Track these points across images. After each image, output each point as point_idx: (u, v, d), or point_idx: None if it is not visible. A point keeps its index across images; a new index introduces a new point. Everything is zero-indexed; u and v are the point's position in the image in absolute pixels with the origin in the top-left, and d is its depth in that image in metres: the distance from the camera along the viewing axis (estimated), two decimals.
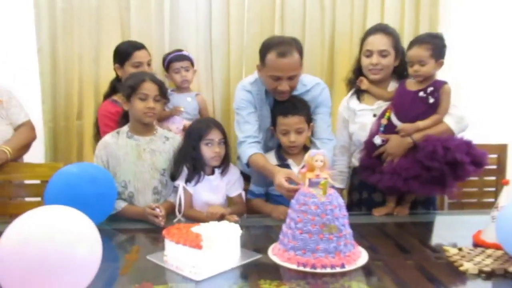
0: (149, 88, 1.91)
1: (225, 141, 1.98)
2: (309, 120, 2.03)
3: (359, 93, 2.16)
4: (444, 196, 2.50)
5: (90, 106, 2.61)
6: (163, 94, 1.97)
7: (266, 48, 1.94)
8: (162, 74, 2.47)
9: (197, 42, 2.63)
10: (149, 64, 2.31)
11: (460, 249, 1.50)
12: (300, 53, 1.95)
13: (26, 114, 2.26)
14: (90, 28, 2.56)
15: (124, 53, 2.27)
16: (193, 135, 1.95)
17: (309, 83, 2.10)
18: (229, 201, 2.07)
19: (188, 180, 1.93)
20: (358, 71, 2.16)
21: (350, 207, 2.21)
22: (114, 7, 2.57)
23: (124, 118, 2.07)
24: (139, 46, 2.30)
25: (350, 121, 2.15)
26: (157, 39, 2.59)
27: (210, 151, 1.93)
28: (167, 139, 2.02)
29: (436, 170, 1.79)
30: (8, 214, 2.04)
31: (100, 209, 1.71)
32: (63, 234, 1.07)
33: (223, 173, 2.00)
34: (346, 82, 2.24)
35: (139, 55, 2.26)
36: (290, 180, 1.74)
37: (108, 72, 2.50)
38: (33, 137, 2.28)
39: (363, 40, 2.11)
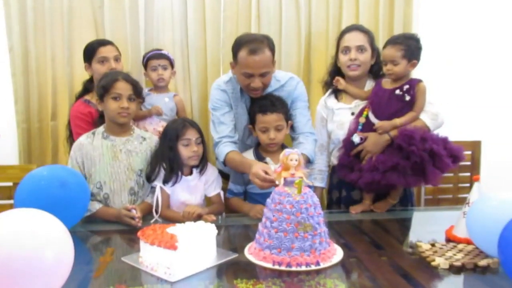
0: (122, 87, 1.88)
1: (202, 139, 1.97)
2: (287, 118, 2.04)
3: (337, 92, 2.18)
4: (420, 192, 2.55)
5: (65, 107, 2.55)
6: (137, 94, 1.95)
7: (237, 45, 1.95)
8: (138, 74, 2.45)
9: (173, 41, 2.60)
10: (116, 60, 2.26)
11: (432, 245, 1.53)
12: (272, 50, 1.96)
13: None
14: (62, 28, 2.50)
15: (89, 50, 2.24)
16: (170, 136, 1.93)
17: (283, 78, 2.11)
18: (207, 201, 2.06)
19: (165, 181, 1.91)
20: (334, 72, 2.19)
21: (330, 205, 2.24)
22: (87, 6, 2.52)
23: (100, 119, 2.04)
24: (104, 42, 2.27)
25: (328, 119, 2.17)
26: (132, 38, 2.55)
27: (188, 150, 1.91)
28: (144, 139, 2.00)
29: (415, 155, 1.80)
30: None
31: (70, 213, 1.67)
32: (31, 238, 1.04)
33: (201, 172, 1.99)
34: (322, 84, 2.27)
35: (103, 50, 2.22)
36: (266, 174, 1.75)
37: (82, 72, 2.45)
38: None
39: (339, 39, 2.14)
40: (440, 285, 1.31)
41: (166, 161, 1.91)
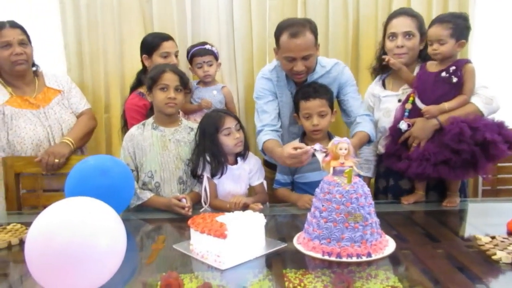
0: (169, 78, 1.92)
1: (240, 125, 1.98)
2: (331, 105, 1.99)
3: (384, 80, 2.13)
4: (477, 183, 2.42)
5: (117, 99, 2.65)
6: (184, 85, 1.98)
7: (279, 30, 1.95)
8: (186, 66, 2.48)
9: (219, 32, 2.62)
10: (176, 56, 2.33)
11: (493, 238, 1.44)
12: (314, 33, 1.94)
13: (86, 102, 2.39)
14: (113, 23, 2.58)
15: (152, 43, 2.29)
16: (209, 129, 1.93)
17: (328, 64, 2.09)
18: (251, 190, 2.07)
19: (213, 175, 1.93)
20: (381, 58, 2.11)
21: (376, 194, 2.19)
22: (135, 0, 2.58)
23: (151, 110, 2.10)
24: (167, 37, 2.32)
25: (375, 108, 2.13)
26: (179, 31, 2.59)
27: (231, 139, 1.92)
28: (192, 130, 2.03)
29: (466, 152, 1.72)
30: (41, 205, 2.11)
31: (115, 201, 1.68)
32: (86, 226, 1.09)
33: (244, 157, 2.00)
34: (371, 71, 2.22)
35: (167, 46, 2.28)
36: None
37: (132, 65, 2.54)
38: (94, 125, 2.39)
39: (386, 24, 2.08)
40: (501, 280, 1.24)
41: (210, 154, 1.92)
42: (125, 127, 2.32)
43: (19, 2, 2.58)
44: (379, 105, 2.11)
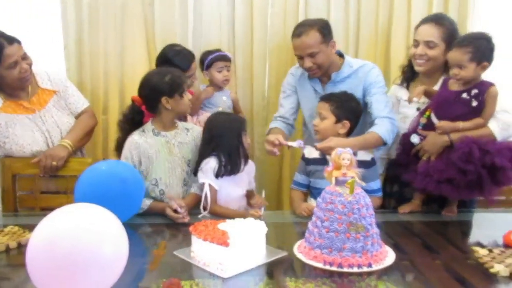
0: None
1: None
2: (338, 114, 1.95)
3: (409, 84, 2.14)
4: None
5: (115, 101, 2.63)
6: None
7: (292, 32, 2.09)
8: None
9: (220, 38, 2.63)
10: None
11: (490, 250, 1.46)
12: (323, 32, 2.03)
13: (85, 101, 2.29)
14: (115, 24, 2.57)
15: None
16: (236, 127, 1.94)
17: (356, 64, 2.14)
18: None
19: (223, 174, 1.91)
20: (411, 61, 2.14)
21: (383, 198, 2.16)
22: (137, 2, 2.57)
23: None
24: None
25: (394, 110, 2.14)
26: (180, 34, 2.58)
27: (246, 142, 1.97)
28: (188, 130, 2.05)
29: (472, 173, 1.71)
30: (38, 207, 2.09)
31: (126, 208, 1.71)
32: (89, 233, 1.09)
33: (245, 162, 1.99)
34: (401, 70, 2.21)
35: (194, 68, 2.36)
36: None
37: (132, 67, 2.54)
38: (94, 123, 2.31)
39: (416, 28, 2.08)
40: None
41: (232, 152, 1.90)
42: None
43: (20, 1, 2.55)
44: (398, 109, 2.14)
